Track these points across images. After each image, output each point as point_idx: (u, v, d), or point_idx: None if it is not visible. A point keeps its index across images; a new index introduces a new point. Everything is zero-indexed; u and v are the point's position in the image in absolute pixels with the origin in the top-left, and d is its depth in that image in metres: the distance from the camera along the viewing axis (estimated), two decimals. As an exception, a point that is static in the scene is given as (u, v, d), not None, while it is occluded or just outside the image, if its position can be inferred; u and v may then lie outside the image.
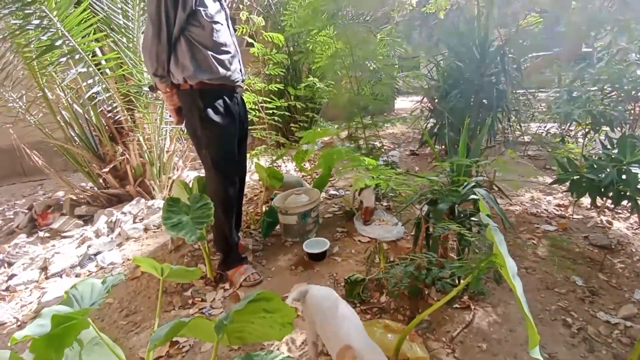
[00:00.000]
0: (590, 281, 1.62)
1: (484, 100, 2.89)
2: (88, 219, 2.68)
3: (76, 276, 1.94)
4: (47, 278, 1.89)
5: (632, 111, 1.77)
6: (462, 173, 1.49)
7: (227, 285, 1.81)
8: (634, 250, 1.82)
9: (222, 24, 1.62)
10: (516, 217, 2.35)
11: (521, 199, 2.69)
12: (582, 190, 1.63)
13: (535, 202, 2.64)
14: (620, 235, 1.99)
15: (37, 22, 2.04)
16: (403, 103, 7.39)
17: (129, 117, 2.71)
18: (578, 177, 1.60)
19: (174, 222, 1.55)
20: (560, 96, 2.03)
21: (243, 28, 2.76)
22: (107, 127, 2.77)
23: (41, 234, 2.45)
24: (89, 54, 2.30)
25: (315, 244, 1.99)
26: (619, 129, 2.04)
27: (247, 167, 2.13)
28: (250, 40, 2.64)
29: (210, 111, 1.61)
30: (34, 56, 2.31)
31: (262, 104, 3.05)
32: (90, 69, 2.31)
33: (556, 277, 1.67)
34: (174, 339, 1.44)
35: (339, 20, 2.50)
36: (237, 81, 1.72)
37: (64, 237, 2.38)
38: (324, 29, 2.48)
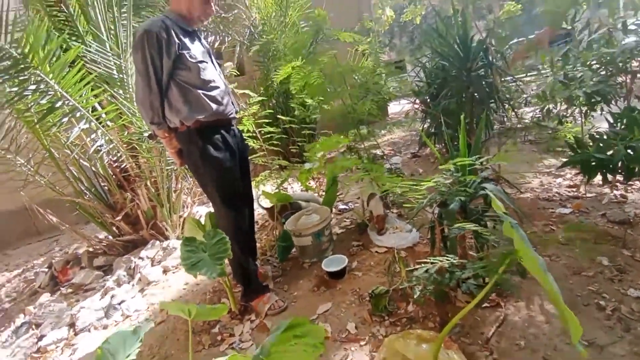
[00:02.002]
0: (616, 259, 1.60)
1: (475, 95, 2.93)
2: (107, 269, 2.70)
3: (104, 328, 1.95)
4: (75, 334, 1.90)
5: (624, 84, 1.78)
6: (467, 171, 1.50)
7: (253, 317, 1.80)
8: (654, 221, 1.80)
9: (206, 62, 1.67)
10: (529, 205, 2.34)
11: (531, 186, 2.68)
12: (593, 170, 1.63)
13: (546, 186, 2.63)
14: (637, 207, 1.97)
15: (33, 87, 2.12)
16: (396, 107, 7.46)
17: (134, 164, 2.77)
18: (587, 157, 1.61)
19: (193, 262, 1.56)
20: (555, 79, 2.05)
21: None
22: (114, 177, 2.83)
23: (64, 290, 2.48)
24: (89, 110, 2.38)
25: (333, 262, 1.98)
26: (613, 103, 2.05)
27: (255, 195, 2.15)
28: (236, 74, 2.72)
29: (209, 148, 1.65)
30: (35, 120, 2.39)
31: (259, 130, 3.11)
32: (92, 124, 2.39)
33: (581, 260, 1.65)
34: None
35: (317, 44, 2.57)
36: (231, 114, 1.76)
37: (87, 290, 2.40)
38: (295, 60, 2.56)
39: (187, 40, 1.62)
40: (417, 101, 4.10)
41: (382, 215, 2.29)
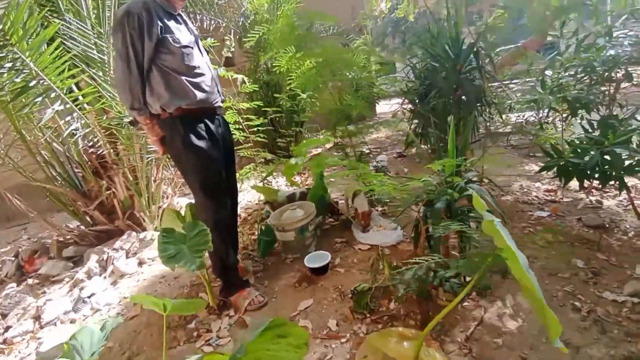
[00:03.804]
0: (591, 262, 1.64)
1: (462, 97, 2.97)
2: (77, 260, 2.58)
3: (71, 322, 1.85)
4: (41, 327, 1.80)
5: (607, 92, 1.83)
6: (454, 172, 1.51)
7: (231, 312, 1.76)
8: (627, 226, 1.86)
9: (191, 47, 1.61)
10: (509, 207, 2.38)
11: (511, 189, 2.74)
12: (569, 174, 1.67)
13: (525, 190, 2.69)
14: (612, 213, 2.03)
15: (9, 64, 1.99)
16: (384, 107, 7.49)
17: (111, 151, 2.65)
18: (563, 162, 1.64)
19: (171, 254, 1.50)
20: (534, 85, 2.10)
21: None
22: (89, 163, 2.70)
23: (30, 281, 2.34)
24: (65, 91, 2.25)
25: (316, 258, 1.96)
26: (595, 111, 2.11)
27: (238, 188, 2.09)
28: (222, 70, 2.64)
29: (192, 137, 1.59)
30: (9, 99, 2.24)
31: (245, 123, 3.04)
32: (68, 106, 2.26)
33: (558, 262, 1.69)
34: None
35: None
36: (216, 102, 1.70)
37: (54, 282, 2.28)
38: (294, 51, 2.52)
39: (171, 24, 1.55)
40: (406, 101, 4.13)
41: (367, 212, 2.28)
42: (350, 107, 3.09)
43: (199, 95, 1.58)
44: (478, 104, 2.84)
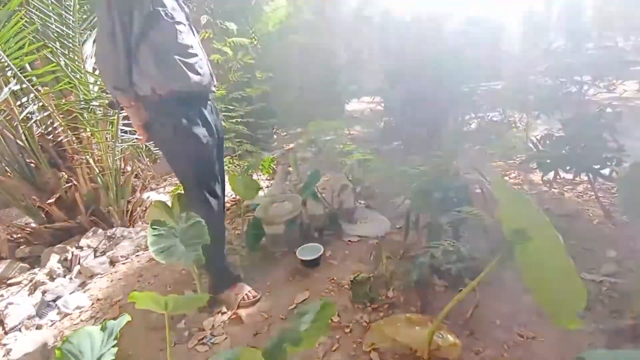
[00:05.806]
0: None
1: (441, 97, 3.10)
2: (34, 261, 2.29)
3: (37, 328, 1.63)
4: (6, 333, 1.57)
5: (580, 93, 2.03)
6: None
7: (223, 309, 1.67)
8: (590, 215, 2.07)
9: (184, 24, 1.50)
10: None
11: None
12: (548, 166, 1.82)
13: (495, 184, 2.87)
14: (574, 203, 2.25)
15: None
16: (352, 105, 7.58)
17: (73, 138, 2.38)
18: (544, 155, 1.78)
19: (162, 248, 1.38)
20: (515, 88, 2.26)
21: (206, 33, 2.61)
22: (45, 152, 2.40)
23: (-20, 284, 2.04)
24: (20, 70, 1.97)
25: (308, 251, 1.93)
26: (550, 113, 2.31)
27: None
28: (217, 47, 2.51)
29: (185, 123, 1.48)
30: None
31: (224, 113, 2.91)
32: (25, 86, 1.99)
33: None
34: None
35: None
36: (209, 86, 1.60)
37: (10, 284, 2.00)
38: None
39: None
40: (378, 99, 4.22)
41: (351, 208, 2.30)
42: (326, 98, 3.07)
43: (193, 77, 1.47)
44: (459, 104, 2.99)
